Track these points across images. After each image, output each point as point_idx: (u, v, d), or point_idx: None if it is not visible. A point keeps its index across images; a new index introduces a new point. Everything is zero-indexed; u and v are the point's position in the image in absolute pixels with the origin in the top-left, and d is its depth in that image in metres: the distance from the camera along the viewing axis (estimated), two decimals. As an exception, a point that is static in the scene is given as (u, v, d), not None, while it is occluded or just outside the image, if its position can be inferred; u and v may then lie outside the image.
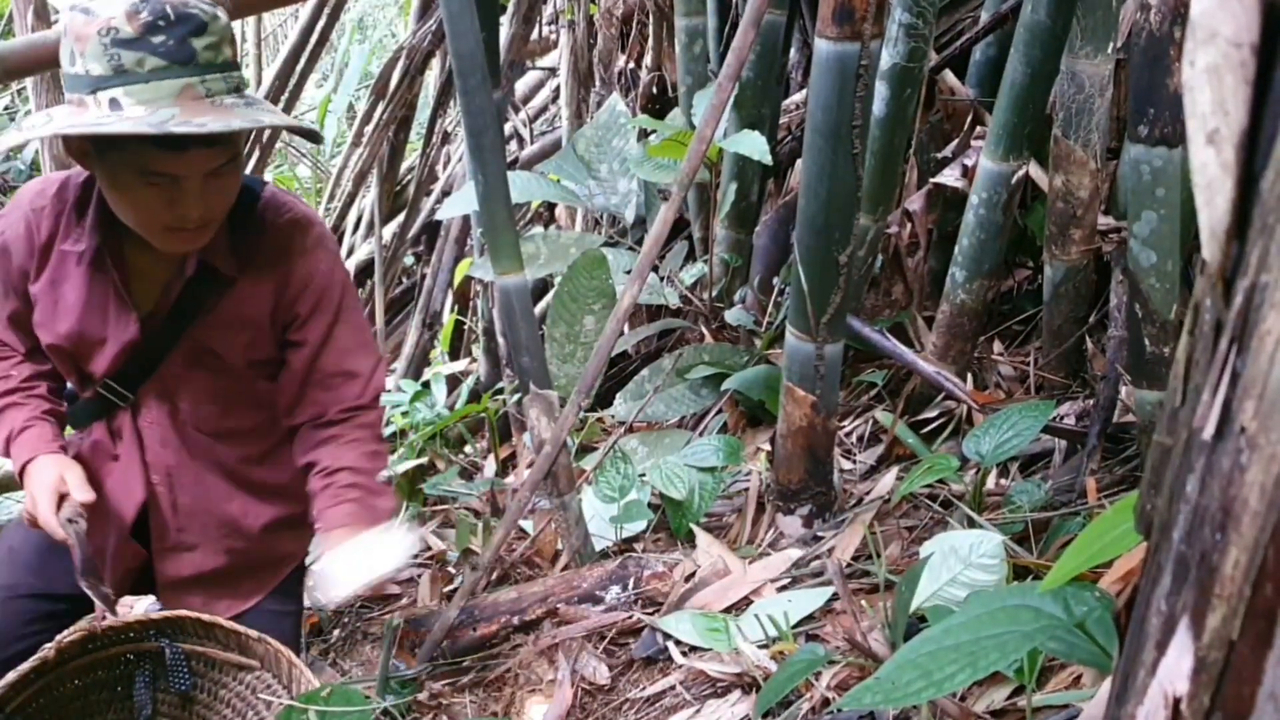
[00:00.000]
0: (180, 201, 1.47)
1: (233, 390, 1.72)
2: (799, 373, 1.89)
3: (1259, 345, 0.50)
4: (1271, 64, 0.51)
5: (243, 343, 1.68)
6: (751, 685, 1.57)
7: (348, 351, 1.70)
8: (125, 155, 1.44)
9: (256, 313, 1.66)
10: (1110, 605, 1.01)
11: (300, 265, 1.65)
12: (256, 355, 1.70)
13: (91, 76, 1.40)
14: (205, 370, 1.69)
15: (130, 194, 1.48)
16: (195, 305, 1.64)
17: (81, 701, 1.59)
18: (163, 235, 1.52)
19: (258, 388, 1.73)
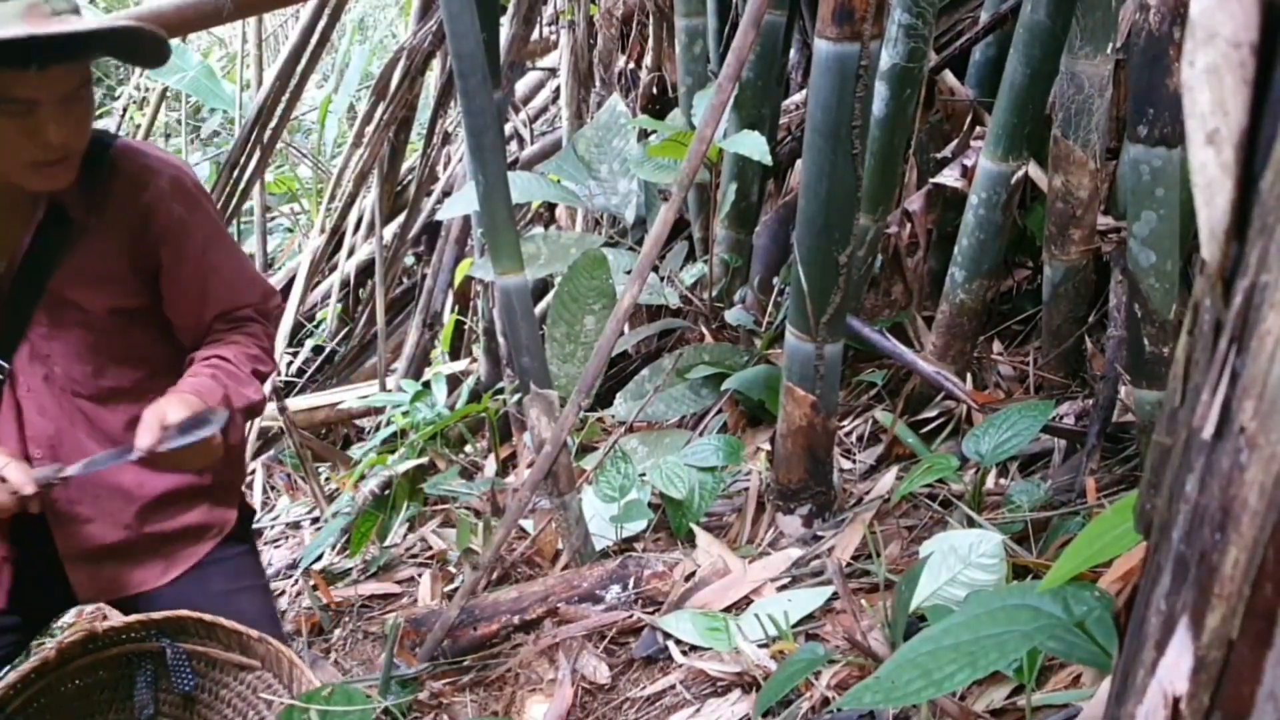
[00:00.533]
0: (41, 129, 1.44)
1: (103, 345, 1.68)
2: (799, 372, 1.90)
3: (1258, 345, 0.50)
4: (1271, 64, 0.51)
5: (105, 292, 1.65)
6: (751, 684, 1.57)
7: (233, 288, 1.70)
8: None
9: (114, 261, 1.63)
10: (1110, 605, 1.01)
11: (154, 212, 1.63)
12: (121, 304, 1.67)
13: None
14: (72, 325, 1.65)
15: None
16: (50, 255, 1.61)
17: (83, 702, 1.60)
18: (27, 172, 1.49)
19: (130, 339, 1.70)
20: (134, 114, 7.03)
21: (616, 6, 3.48)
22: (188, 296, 1.68)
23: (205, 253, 1.68)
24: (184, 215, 1.65)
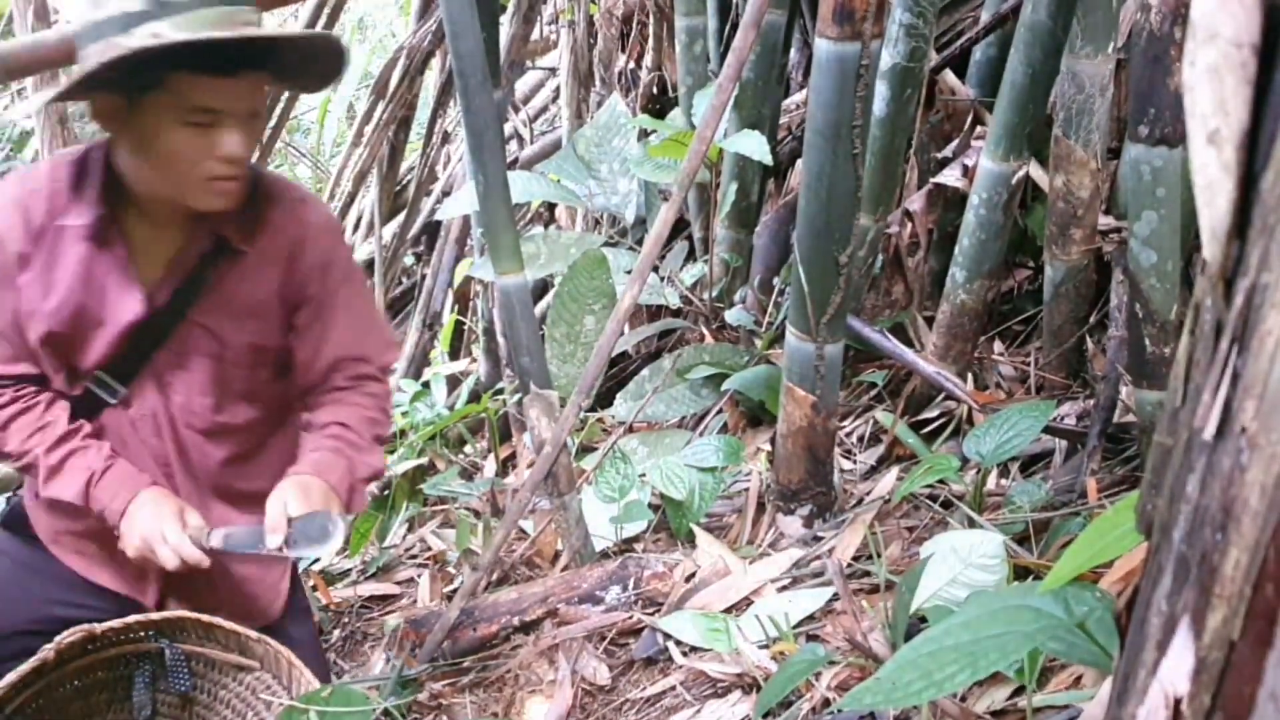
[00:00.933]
0: (222, 143, 1.43)
1: (228, 380, 1.64)
2: (799, 373, 1.89)
3: (1259, 345, 0.50)
4: (1272, 64, 0.51)
5: (248, 326, 1.61)
6: (752, 685, 1.57)
7: (358, 332, 1.66)
8: (168, 95, 1.39)
9: (264, 293, 1.60)
10: (1111, 605, 1.01)
11: (310, 244, 1.60)
12: (261, 340, 1.63)
13: (128, 14, 1.35)
14: (203, 356, 1.61)
15: (168, 142, 1.42)
16: (200, 283, 1.58)
17: (82, 702, 1.59)
18: (202, 189, 1.47)
19: (255, 377, 1.66)
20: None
21: (616, 6, 3.48)
22: (312, 332, 1.64)
23: (339, 290, 1.64)
24: (330, 249, 1.63)
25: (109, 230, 1.53)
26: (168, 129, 1.41)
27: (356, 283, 1.68)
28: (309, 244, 1.60)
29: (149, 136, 1.43)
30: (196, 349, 1.61)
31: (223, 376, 1.64)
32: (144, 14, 1.35)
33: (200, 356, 1.61)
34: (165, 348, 1.60)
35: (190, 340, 1.60)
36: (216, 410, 1.65)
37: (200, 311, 1.58)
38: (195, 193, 1.48)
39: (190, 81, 1.38)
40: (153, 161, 1.46)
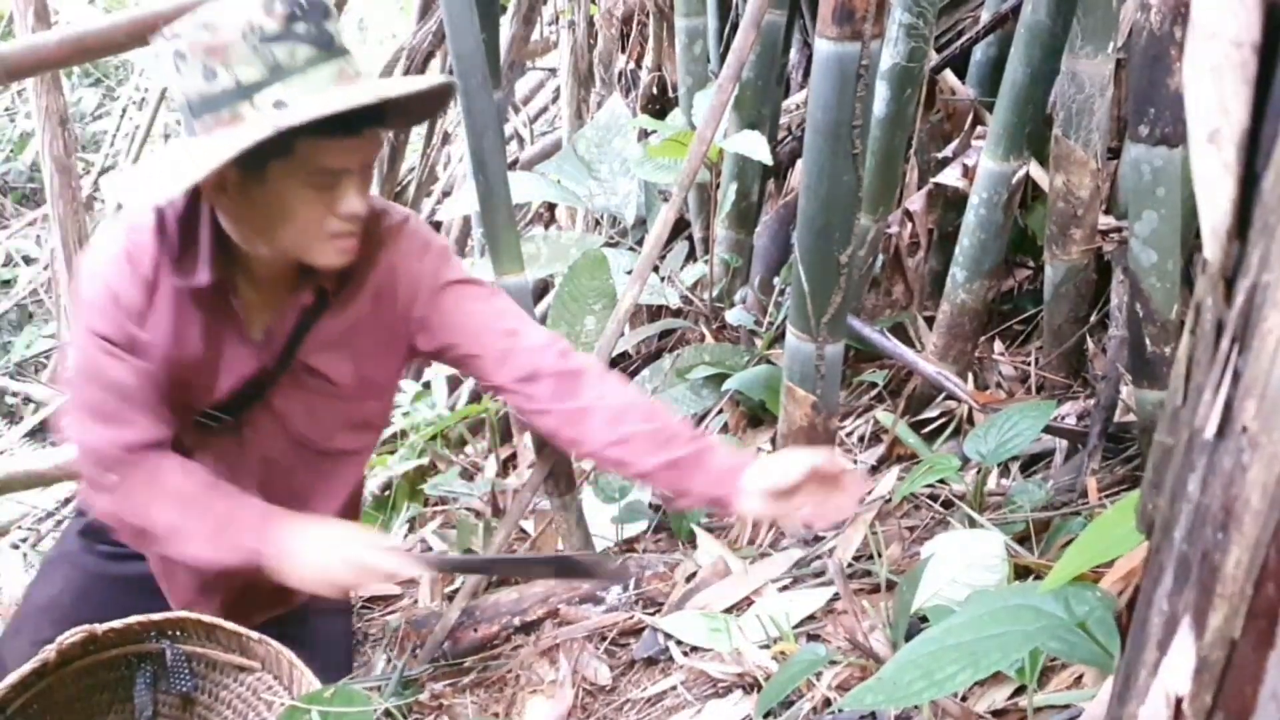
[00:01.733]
0: (342, 200, 1.42)
1: (340, 411, 1.66)
2: (799, 373, 1.89)
3: (1260, 345, 0.50)
4: (1272, 64, 0.51)
5: (351, 360, 1.62)
6: (753, 685, 1.57)
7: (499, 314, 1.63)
8: (291, 161, 1.37)
9: (367, 328, 1.60)
10: (1112, 605, 1.01)
11: (403, 274, 1.59)
12: (367, 371, 1.64)
13: (244, 84, 1.32)
14: (312, 391, 1.63)
15: (291, 206, 1.40)
16: (305, 330, 1.59)
17: (83, 703, 1.59)
18: (323, 246, 1.45)
19: (366, 406, 1.68)
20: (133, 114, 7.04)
21: (616, 6, 3.48)
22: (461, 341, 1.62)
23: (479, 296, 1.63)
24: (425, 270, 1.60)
25: (222, 291, 1.52)
26: (289, 193, 1.40)
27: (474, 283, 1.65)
28: (400, 277, 1.59)
29: (269, 202, 1.41)
30: (307, 385, 1.62)
31: (333, 409, 1.65)
32: (261, 82, 1.33)
33: (310, 391, 1.63)
34: (277, 385, 1.62)
35: (300, 377, 1.62)
36: (328, 438, 1.68)
37: (306, 352, 1.60)
38: (316, 251, 1.46)
39: (315, 146, 1.36)
40: (273, 226, 1.44)
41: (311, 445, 1.68)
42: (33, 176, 7.58)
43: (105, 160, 7.22)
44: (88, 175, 6.97)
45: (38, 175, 6.51)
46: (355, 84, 1.38)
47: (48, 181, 5.22)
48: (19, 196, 7.88)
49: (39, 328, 6.79)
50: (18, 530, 3.80)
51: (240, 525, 1.55)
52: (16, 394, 5.22)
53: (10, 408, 5.82)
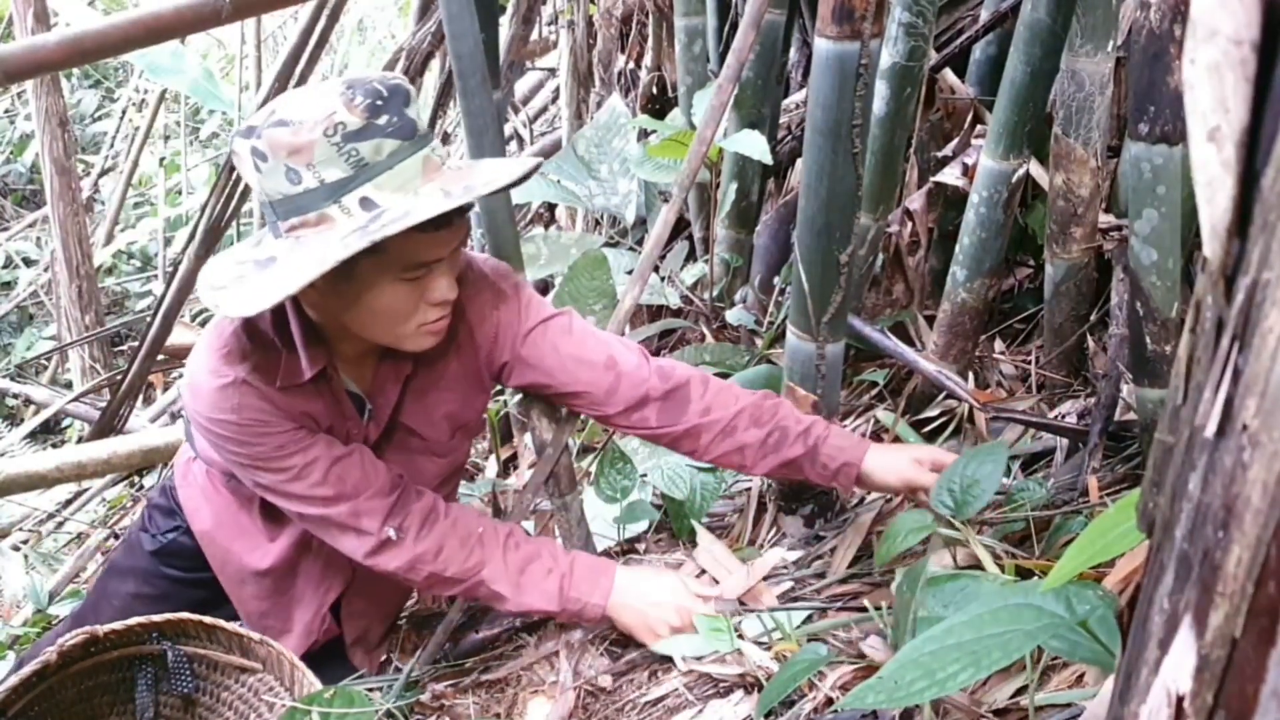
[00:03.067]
0: (433, 288, 1.41)
1: (436, 465, 1.71)
2: (800, 372, 1.89)
3: (1261, 343, 0.50)
4: (1272, 61, 0.51)
5: (443, 416, 1.65)
6: (754, 685, 1.57)
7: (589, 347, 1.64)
8: (384, 258, 1.34)
9: (449, 380, 1.62)
10: (1113, 604, 1.01)
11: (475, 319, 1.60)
12: (460, 420, 1.68)
13: (330, 184, 1.29)
14: (414, 451, 1.68)
15: (384, 300, 1.39)
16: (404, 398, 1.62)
17: (84, 705, 1.59)
18: (415, 335, 1.45)
19: (459, 455, 1.75)
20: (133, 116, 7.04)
21: (616, 6, 3.48)
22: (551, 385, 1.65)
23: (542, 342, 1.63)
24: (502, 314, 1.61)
25: (328, 380, 1.53)
26: (383, 288, 1.38)
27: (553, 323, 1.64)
28: (477, 325, 1.60)
29: (360, 297, 1.39)
30: (405, 445, 1.67)
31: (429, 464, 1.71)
32: (348, 180, 1.30)
33: (412, 452, 1.68)
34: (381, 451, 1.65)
35: (401, 439, 1.67)
36: (438, 486, 1.73)
37: (405, 415, 1.64)
38: (410, 339, 1.47)
39: (408, 243, 1.33)
40: (365, 318, 1.43)
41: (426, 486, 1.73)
42: (33, 178, 7.59)
43: (105, 162, 7.22)
44: (87, 177, 6.97)
45: (38, 177, 6.52)
46: (441, 174, 1.35)
47: (48, 183, 5.23)
48: (19, 198, 7.88)
49: (39, 329, 6.79)
50: (19, 532, 3.80)
51: (573, 578, 1.63)
52: (17, 396, 5.22)
53: (11, 409, 5.82)
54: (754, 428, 1.66)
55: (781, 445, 1.66)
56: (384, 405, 1.60)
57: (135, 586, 1.85)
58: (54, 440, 5.24)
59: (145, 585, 1.84)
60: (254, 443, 1.50)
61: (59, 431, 5.35)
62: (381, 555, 1.57)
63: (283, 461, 1.52)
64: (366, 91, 1.30)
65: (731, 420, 1.66)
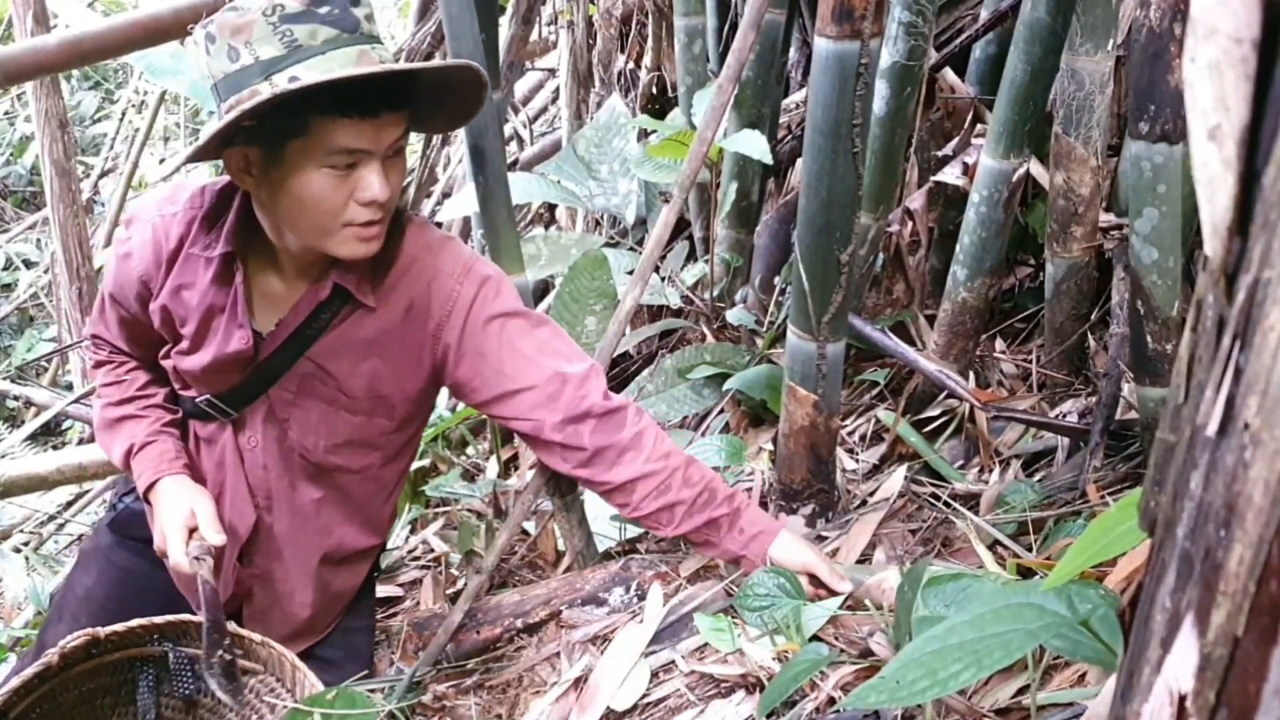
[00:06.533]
0: (365, 186, 1.41)
1: (343, 425, 1.64)
2: (801, 372, 1.89)
3: (1262, 341, 0.50)
4: (1272, 60, 0.51)
5: (367, 372, 1.60)
6: (755, 685, 1.56)
7: (544, 349, 1.61)
8: (309, 140, 1.37)
9: (388, 339, 1.58)
10: (1114, 603, 1.01)
11: (437, 293, 1.57)
12: (382, 389, 1.62)
13: (263, 61, 1.34)
14: (319, 399, 1.62)
15: (310, 189, 1.40)
16: (320, 327, 1.57)
17: (86, 706, 1.59)
18: (342, 235, 1.45)
19: (373, 426, 1.66)
20: (133, 117, 7.04)
21: (615, 6, 3.48)
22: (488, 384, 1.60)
23: (494, 333, 1.59)
24: (463, 295, 1.58)
25: (232, 270, 1.54)
26: (309, 175, 1.39)
27: (514, 325, 1.60)
28: (435, 293, 1.57)
29: (289, 185, 1.41)
30: (314, 391, 1.62)
31: (336, 421, 1.64)
32: (279, 59, 1.33)
33: (317, 399, 1.62)
34: (281, 385, 1.61)
35: (308, 380, 1.61)
36: (329, 451, 1.66)
37: (318, 352, 1.59)
38: (335, 240, 1.46)
39: (331, 125, 1.36)
40: (293, 210, 1.44)
41: (308, 456, 1.67)
42: (33, 180, 7.59)
43: (105, 163, 7.22)
44: (87, 178, 6.97)
45: (38, 179, 6.52)
46: (376, 67, 1.37)
47: (48, 185, 5.23)
48: (19, 200, 7.88)
49: (39, 331, 6.79)
50: (20, 533, 3.80)
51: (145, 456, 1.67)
52: (18, 398, 5.22)
53: (11, 411, 5.83)
54: (686, 487, 1.63)
55: (709, 504, 1.64)
56: (289, 325, 1.57)
57: (98, 568, 1.81)
58: (54, 442, 5.24)
59: (108, 565, 1.81)
60: (112, 275, 1.62)
61: (59, 433, 5.36)
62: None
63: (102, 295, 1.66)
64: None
65: (667, 479, 1.62)
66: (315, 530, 1.72)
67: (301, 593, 1.75)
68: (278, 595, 1.76)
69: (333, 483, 1.71)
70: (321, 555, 1.74)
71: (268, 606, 1.77)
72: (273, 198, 1.45)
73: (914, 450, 2.16)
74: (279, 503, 1.70)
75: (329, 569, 1.76)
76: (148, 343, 1.67)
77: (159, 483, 1.62)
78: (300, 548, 1.73)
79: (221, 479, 1.69)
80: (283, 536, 1.72)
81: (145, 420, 1.68)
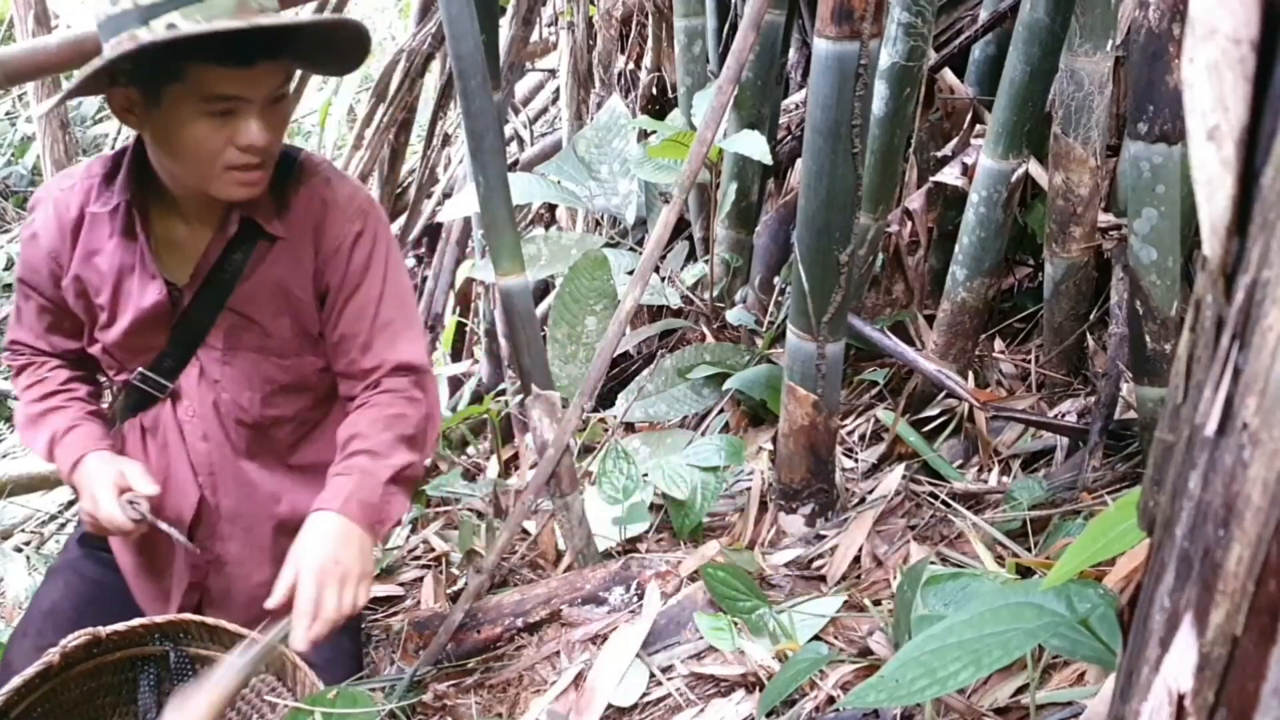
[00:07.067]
0: (243, 132, 1.43)
1: (275, 371, 1.64)
2: (800, 372, 1.89)
3: (1260, 341, 0.50)
4: (1271, 60, 0.51)
5: (287, 312, 1.60)
6: (755, 685, 1.57)
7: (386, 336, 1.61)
8: (185, 85, 1.39)
9: (299, 276, 1.59)
10: (1113, 602, 1.01)
11: (330, 225, 1.59)
12: (305, 325, 1.62)
13: (141, 6, 1.35)
14: (247, 349, 1.62)
15: (188, 133, 1.42)
16: (234, 272, 1.58)
17: (87, 706, 1.59)
18: (224, 178, 1.47)
19: (303, 366, 1.65)
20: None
21: (616, 7, 3.48)
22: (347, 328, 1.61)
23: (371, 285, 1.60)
24: (348, 231, 1.59)
25: (132, 218, 1.55)
26: (187, 120, 1.42)
27: (376, 270, 1.61)
28: (328, 225, 1.59)
29: (169, 128, 1.44)
30: (241, 342, 1.62)
31: (268, 369, 1.63)
32: (159, 6, 1.35)
33: (245, 350, 1.62)
34: (208, 343, 1.61)
35: (234, 332, 1.61)
36: (265, 404, 1.65)
37: (238, 300, 1.59)
38: (217, 183, 1.48)
39: (206, 72, 1.38)
40: (174, 152, 1.47)
41: (244, 417, 1.65)
42: (34, 180, 7.58)
43: (105, 164, 7.21)
44: (88, 179, 6.96)
45: (39, 179, 6.52)
46: (255, 16, 1.39)
47: (48, 185, 5.22)
48: (20, 200, 7.88)
49: (40, 331, 6.78)
50: (20, 534, 3.80)
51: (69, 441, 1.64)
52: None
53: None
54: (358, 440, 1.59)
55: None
56: (202, 270, 1.57)
57: (64, 580, 1.78)
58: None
59: (75, 577, 1.78)
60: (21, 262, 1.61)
61: (60, 433, 5.35)
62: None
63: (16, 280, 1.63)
64: None
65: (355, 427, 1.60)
66: (264, 499, 1.69)
67: (258, 571, 1.68)
68: (233, 577, 1.72)
69: (271, 443, 1.69)
70: (274, 525, 1.70)
71: (225, 590, 1.72)
72: (155, 139, 1.48)
73: (913, 450, 2.16)
74: (222, 476, 1.67)
75: (286, 540, 1.64)
76: (69, 331, 1.67)
77: (83, 459, 1.59)
78: (251, 522, 1.70)
79: (165, 464, 1.66)
80: (231, 513, 1.68)
81: (68, 410, 1.66)
